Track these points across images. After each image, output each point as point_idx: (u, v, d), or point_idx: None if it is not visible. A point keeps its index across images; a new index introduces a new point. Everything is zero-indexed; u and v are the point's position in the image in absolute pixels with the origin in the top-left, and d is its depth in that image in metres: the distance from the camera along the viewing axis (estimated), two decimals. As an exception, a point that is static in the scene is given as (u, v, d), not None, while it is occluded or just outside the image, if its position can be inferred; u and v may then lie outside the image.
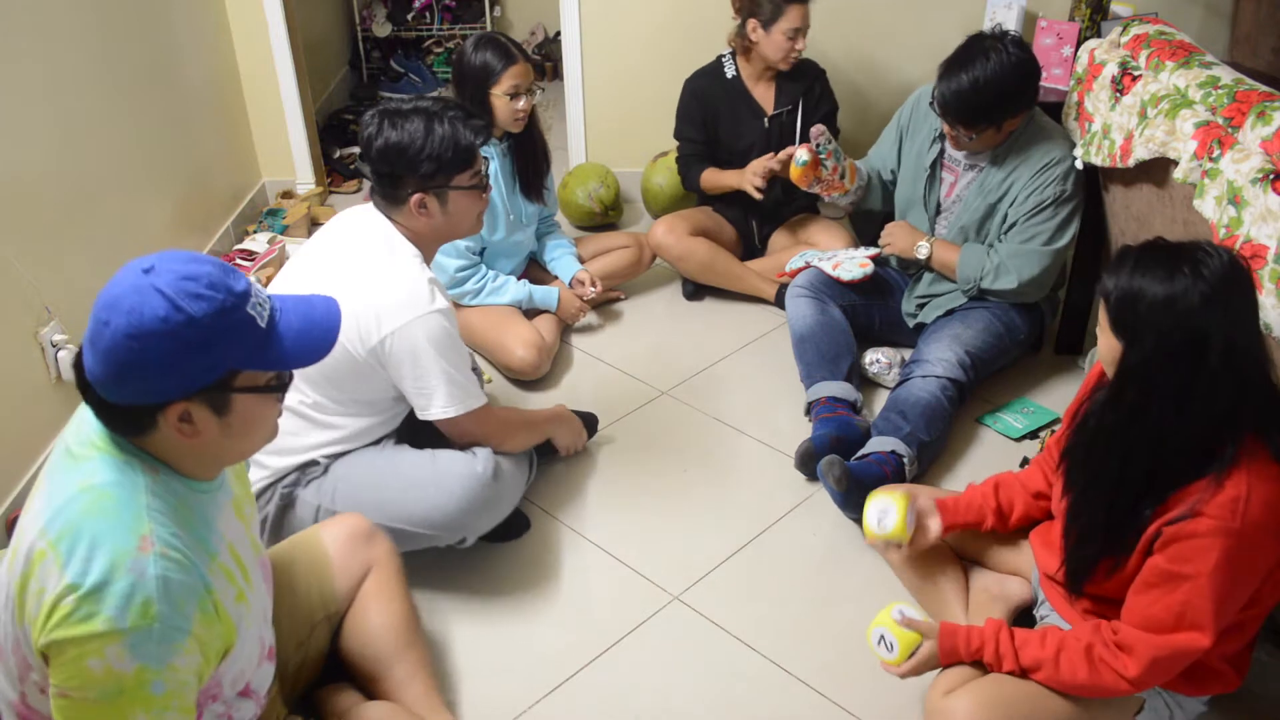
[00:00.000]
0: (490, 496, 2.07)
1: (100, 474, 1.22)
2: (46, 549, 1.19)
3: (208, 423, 1.24)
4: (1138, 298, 1.45)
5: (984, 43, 2.40)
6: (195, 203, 3.25)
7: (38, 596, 1.18)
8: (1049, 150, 2.50)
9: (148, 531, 1.20)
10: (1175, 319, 1.42)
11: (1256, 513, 1.43)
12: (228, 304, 1.19)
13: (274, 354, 1.24)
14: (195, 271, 1.20)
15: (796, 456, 2.42)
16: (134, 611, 1.16)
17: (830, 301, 2.73)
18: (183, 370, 1.18)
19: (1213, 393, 1.44)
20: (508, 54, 2.66)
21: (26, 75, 2.36)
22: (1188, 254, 1.45)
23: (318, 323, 1.30)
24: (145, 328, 1.16)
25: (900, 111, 2.79)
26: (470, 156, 1.98)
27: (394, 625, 1.80)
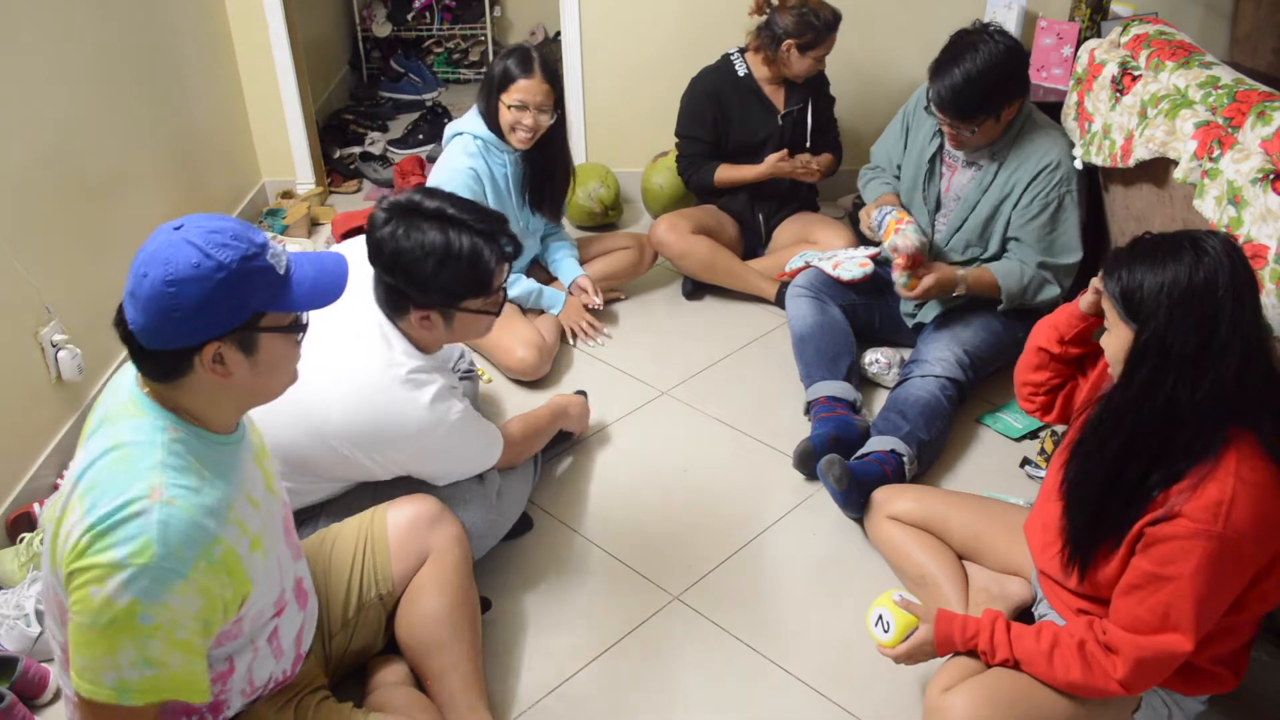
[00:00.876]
0: (495, 519, 2.10)
1: (125, 434, 1.35)
2: (75, 500, 1.32)
3: (238, 363, 1.35)
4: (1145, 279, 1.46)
5: (969, 37, 2.41)
6: (195, 203, 3.24)
7: (65, 539, 1.31)
8: (1048, 150, 2.50)
9: (158, 483, 1.31)
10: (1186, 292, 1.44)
11: (1240, 517, 1.42)
12: (250, 251, 1.32)
13: (293, 296, 1.37)
14: (220, 226, 1.33)
15: (795, 456, 2.43)
16: (133, 549, 1.26)
17: (830, 301, 2.73)
18: (214, 311, 1.30)
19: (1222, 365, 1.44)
20: (527, 67, 2.66)
21: (27, 75, 2.36)
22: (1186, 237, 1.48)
23: (329, 270, 1.42)
24: (180, 274, 1.28)
25: (905, 106, 2.79)
26: (487, 282, 1.83)
27: (442, 615, 1.81)
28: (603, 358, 2.94)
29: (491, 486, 2.11)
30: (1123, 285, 1.50)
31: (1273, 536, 1.45)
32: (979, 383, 2.62)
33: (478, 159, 2.72)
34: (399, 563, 1.84)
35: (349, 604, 1.80)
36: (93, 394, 2.57)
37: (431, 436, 1.90)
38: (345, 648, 1.81)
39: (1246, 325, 1.45)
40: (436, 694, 1.80)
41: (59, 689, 1.94)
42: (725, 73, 3.11)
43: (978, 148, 2.54)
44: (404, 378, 1.87)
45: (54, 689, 1.93)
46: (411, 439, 1.89)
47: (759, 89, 3.09)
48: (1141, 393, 1.49)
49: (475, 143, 2.73)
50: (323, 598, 1.79)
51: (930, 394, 2.44)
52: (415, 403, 1.87)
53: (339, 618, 1.79)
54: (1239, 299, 1.45)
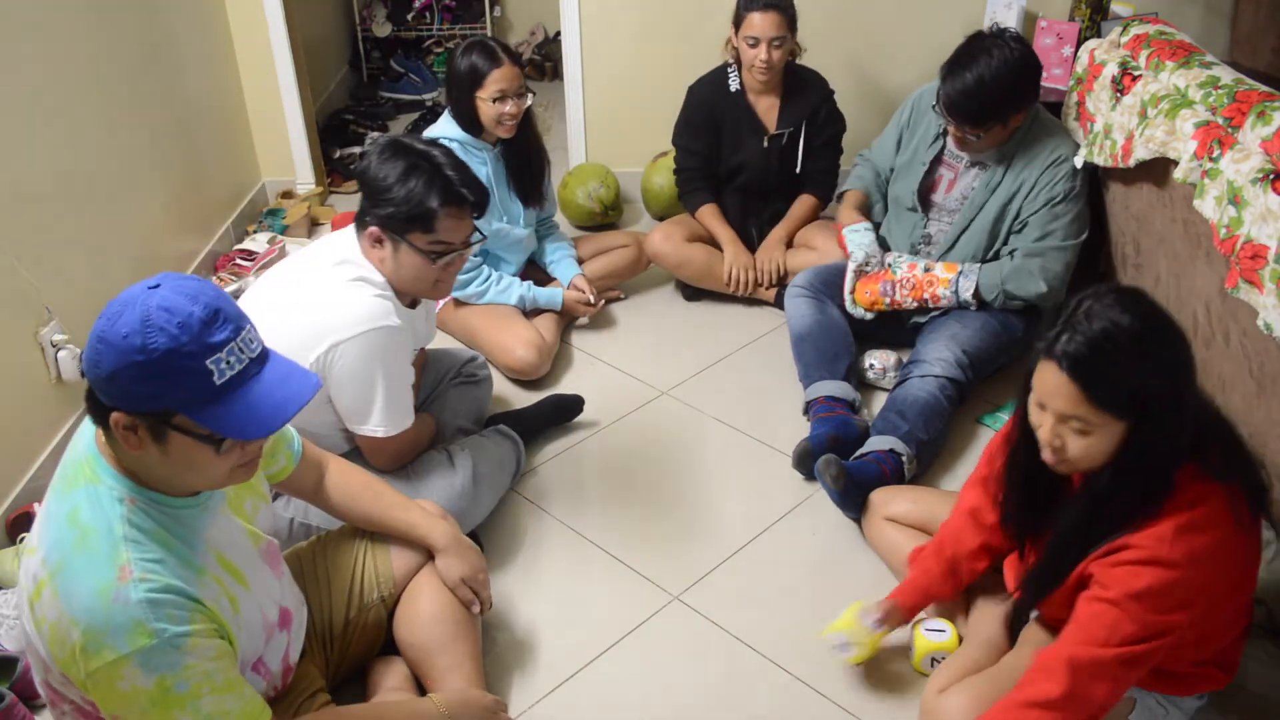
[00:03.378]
0: (467, 507, 2.13)
1: (84, 509, 1.30)
2: (46, 579, 1.29)
3: (148, 443, 1.28)
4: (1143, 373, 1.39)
5: (984, 41, 2.40)
6: (195, 203, 3.25)
7: (44, 623, 1.29)
8: (1056, 147, 2.50)
9: (125, 561, 1.28)
10: (1187, 369, 1.40)
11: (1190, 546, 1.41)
12: (186, 349, 1.22)
13: (214, 414, 1.26)
14: (177, 305, 1.23)
15: (794, 456, 2.43)
16: (131, 636, 1.25)
17: (829, 301, 2.73)
18: (123, 387, 1.23)
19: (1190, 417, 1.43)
20: (493, 57, 2.65)
21: (27, 75, 2.35)
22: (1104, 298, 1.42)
23: (275, 402, 1.29)
24: (108, 338, 1.22)
25: (900, 110, 2.79)
26: (427, 222, 1.90)
27: (442, 617, 1.81)
28: (603, 358, 2.94)
29: (462, 477, 2.15)
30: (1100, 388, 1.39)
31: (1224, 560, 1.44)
32: (978, 383, 2.62)
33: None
34: (400, 562, 1.84)
35: (350, 606, 1.80)
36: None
37: (357, 334, 1.91)
38: (346, 650, 1.81)
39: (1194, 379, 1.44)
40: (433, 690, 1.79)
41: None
42: (720, 85, 3.05)
43: (983, 151, 2.54)
44: (352, 275, 1.95)
45: (54, 689, 1.93)
46: (338, 330, 1.90)
47: (750, 106, 3.03)
48: (1130, 473, 1.44)
49: (451, 145, 2.71)
50: (324, 601, 1.78)
51: (929, 394, 2.44)
52: (352, 295, 1.93)
53: (340, 620, 1.79)
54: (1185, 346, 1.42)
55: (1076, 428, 1.43)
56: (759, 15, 2.84)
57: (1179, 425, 1.42)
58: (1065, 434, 1.45)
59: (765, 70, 2.91)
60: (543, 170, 2.92)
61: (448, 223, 1.92)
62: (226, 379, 1.25)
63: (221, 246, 3.38)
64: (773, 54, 2.87)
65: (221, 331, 1.25)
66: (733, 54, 3.01)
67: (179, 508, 1.36)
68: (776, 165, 3.07)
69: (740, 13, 2.89)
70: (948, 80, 2.42)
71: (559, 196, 3.52)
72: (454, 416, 2.41)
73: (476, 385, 2.51)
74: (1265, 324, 1.77)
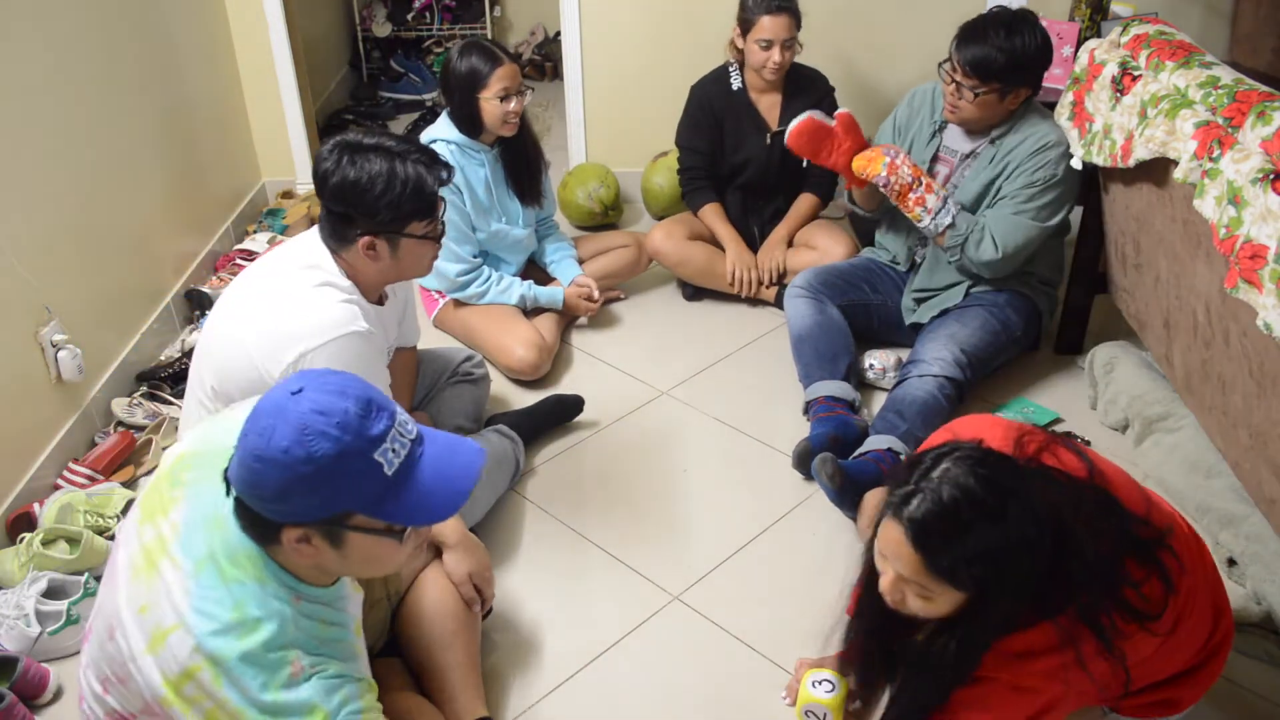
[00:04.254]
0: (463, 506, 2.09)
1: (250, 605, 1.27)
2: (202, 665, 1.25)
3: (325, 550, 1.26)
4: (971, 554, 1.32)
5: (1015, 14, 2.47)
6: (195, 203, 3.25)
7: (198, 702, 1.26)
8: (1046, 134, 2.53)
9: (294, 658, 1.27)
10: (1017, 549, 1.33)
11: (1030, 671, 1.40)
12: (352, 448, 1.19)
13: (392, 507, 1.23)
14: (332, 406, 1.20)
15: (794, 455, 2.43)
16: (307, 716, 1.26)
17: (828, 301, 2.73)
18: (298, 502, 1.21)
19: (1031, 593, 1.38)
20: (494, 57, 2.65)
21: (27, 75, 2.35)
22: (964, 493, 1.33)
23: (450, 478, 1.27)
24: (268, 455, 1.18)
25: (895, 112, 2.80)
26: (431, 205, 1.89)
27: (446, 613, 1.81)
28: (603, 358, 2.94)
29: None
30: (962, 564, 1.33)
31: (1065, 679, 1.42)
32: (977, 382, 2.62)
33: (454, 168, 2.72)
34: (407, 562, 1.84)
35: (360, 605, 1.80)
36: (92, 393, 2.57)
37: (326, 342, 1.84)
38: None
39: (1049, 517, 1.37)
40: (437, 691, 1.80)
41: (59, 689, 1.94)
42: (722, 83, 3.06)
43: (971, 122, 2.55)
44: (318, 280, 1.89)
45: (54, 689, 1.93)
46: (306, 338, 1.83)
47: (752, 104, 3.04)
48: (980, 634, 1.41)
49: (449, 148, 2.72)
50: None
51: (928, 393, 2.44)
52: (319, 301, 1.87)
53: None
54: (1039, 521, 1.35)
55: (916, 591, 1.39)
56: (770, 19, 2.85)
57: (1022, 594, 1.36)
58: (906, 591, 1.40)
59: (776, 71, 2.93)
60: (541, 169, 2.92)
61: (441, 202, 1.93)
62: (396, 468, 1.22)
63: (221, 246, 3.38)
64: (785, 55, 2.90)
65: (380, 421, 1.22)
66: (735, 54, 3.02)
67: (331, 593, 1.37)
68: (779, 163, 3.07)
69: (749, 16, 2.89)
70: (967, 33, 2.46)
71: (559, 196, 3.52)
72: (452, 416, 2.41)
73: (474, 384, 2.51)
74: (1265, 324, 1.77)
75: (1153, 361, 2.50)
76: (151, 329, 2.88)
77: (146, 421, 2.61)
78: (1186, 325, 2.19)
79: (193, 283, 3.15)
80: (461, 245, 2.77)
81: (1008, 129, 2.55)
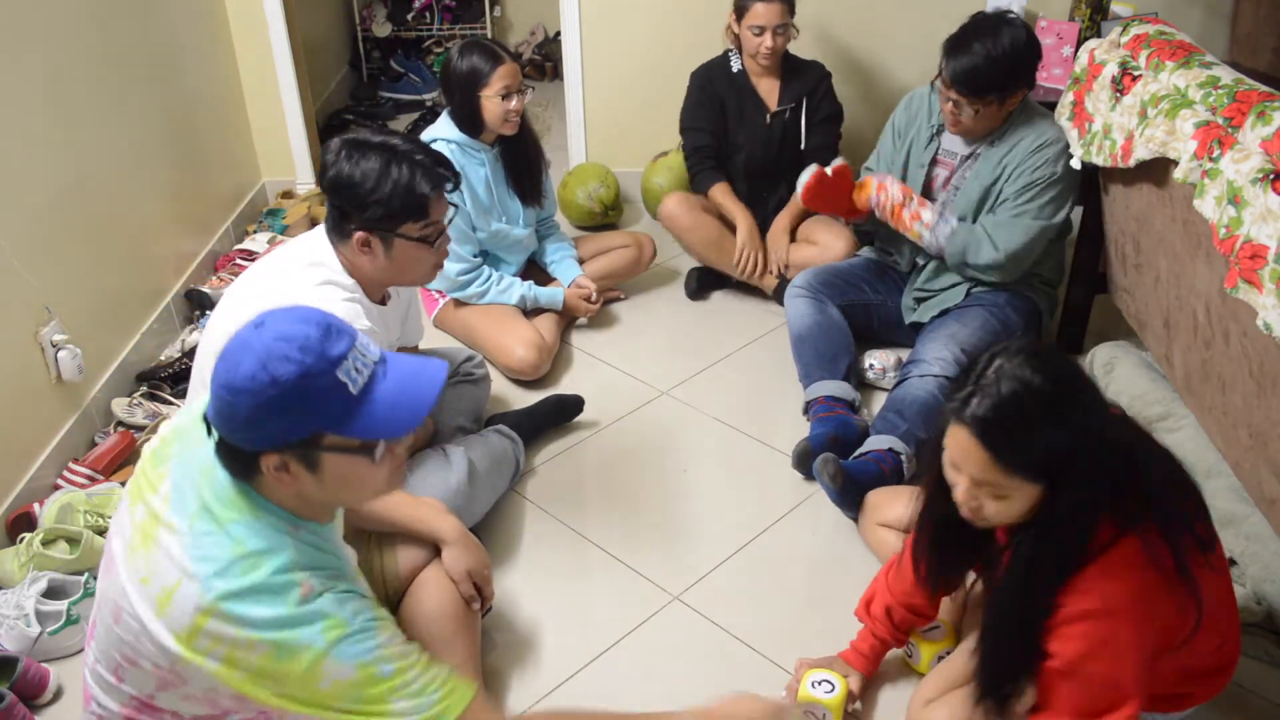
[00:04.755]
0: (463, 505, 2.12)
1: (248, 539, 1.29)
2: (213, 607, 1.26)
3: (302, 475, 1.29)
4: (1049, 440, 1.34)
5: (991, 19, 2.45)
6: (195, 202, 3.25)
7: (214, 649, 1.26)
8: (1043, 131, 2.53)
9: (303, 579, 1.28)
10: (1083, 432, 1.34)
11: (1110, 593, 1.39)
12: (314, 369, 1.22)
13: (360, 423, 1.26)
14: (292, 333, 1.23)
15: (794, 455, 2.43)
16: (325, 631, 1.26)
17: (828, 301, 2.73)
18: (267, 426, 1.23)
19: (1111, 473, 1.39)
20: (495, 55, 2.66)
21: (27, 75, 2.36)
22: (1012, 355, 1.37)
23: (414, 389, 1.30)
24: (235, 384, 1.22)
25: (894, 116, 2.80)
26: (422, 208, 1.87)
27: (445, 613, 1.81)
28: (603, 358, 2.94)
29: (458, 474, 2.14)
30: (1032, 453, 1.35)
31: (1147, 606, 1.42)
32: (979, 383, 2.62)
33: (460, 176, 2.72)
34: (405, 559, 1.85)
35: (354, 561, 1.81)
36: (92, 393, 2.57)
37: None
38: None
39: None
40: None
41: (59, 689, 1.94)
42: (723, 67, 3.12)
43: (973, 133, 2.55)
44: (321, 279, 1.89)
45: (53, 689, 1.93)
46: None
47: (752, 86, 3.10)
48: (1052, 532, 1.41)
49: (450, 147, 2.72)
50: None
51: (928, 393, 2.44)
52: (320, 300, 1.85)
53: None
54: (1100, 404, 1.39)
55: (990, 492, 1.39)
56: (763, 5, 2.93)
57: (1095, 484, 1.37)
58: (981, 496, 1.41)
59: (769, 56, 3.00)
60: (541, 169, 2.92)
61: (438, 205, 1.91)
62: (361, 386, 1.26)
63: (221, 246, 3.38)
64: (777, 40, 2.97)
65: (340, 343, 1.25)
66: (733, 40, 3.08)
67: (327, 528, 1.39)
68: (778, 142, 3.10)
69: (743, 2, 2.97)
70: (952, 52, 2.44)
71: (559, 196, 3.52)
72: (452, 416, 2.41)
73: (475, 384, 2.51)
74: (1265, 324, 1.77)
75: (1153, 361, 2.50)
76: (151, 329, 2.88)
77: (146, 421, 2.61)
78: (1186, 325, 2.19)
79: (193, 283, 3.15)
80: (462, 245, 2.77)
81: (1006, 128, 2.55)
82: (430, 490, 2.09)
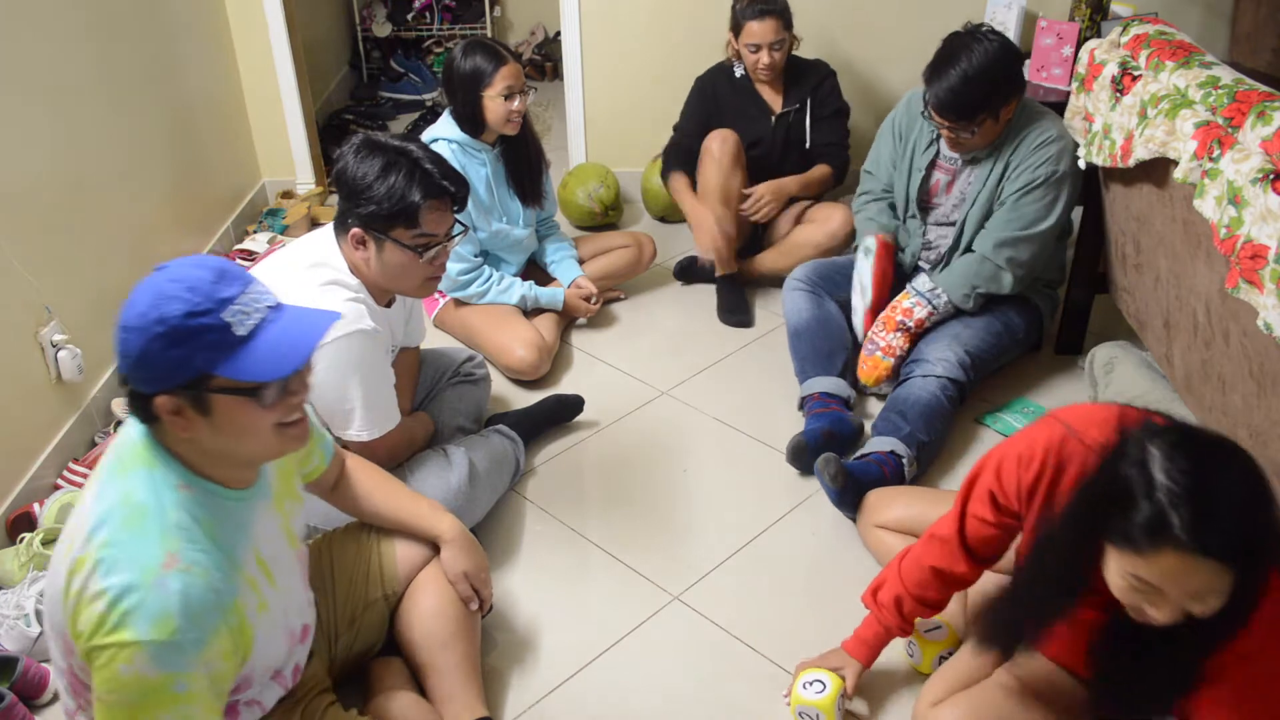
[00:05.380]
0: (463, 505, 2.13)
1: (138, 489, 1.31)
2: (89, 554, 1.28)
3: (196, 420, 1.30)
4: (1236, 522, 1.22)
5: (962, 39, 2.43)
6: (195, 203, 3.25)
7: (75, 596, 1.28)
8: (1044, 129, 2.51)
9: (174, 549, 1.28)
10: (1268, 505, 1.25)
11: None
12: (200, 307, 1.25)
13: (245, 363, 1.28)
14: (184, 274, 1.27)
15: (789, 450, 2.43)
16: (156, 625, 1.25)
17: (826, 296, 2.73)
18: (154, 365, 1.26)
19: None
20: (497, 56, 2.66)
21: (27, 75, 2.36)
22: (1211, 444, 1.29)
23: (295, 337, 1.32)
24: (128, 321, 1.26)
25: (894, 115, 2.79)
26: (412, 215, 1.88)
27: (444, 613, 1.82)
28: (603, 358, 2.94)
29: (459, 474, 2.15)
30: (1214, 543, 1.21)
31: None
32: (979, 382, 2.62)
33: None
34: (404, 560, 1.85)
35: (354, 606, 1.81)
36: (92, 393, 2.57)
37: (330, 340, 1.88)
38: (350, 649, 1.82)
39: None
40: (436, 690, 1.80)
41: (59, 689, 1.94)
42: (725, 73, 3.15)
43: (978, 148, 2.54)
44: (326, 279, 1.92)
45: (53, 689, 1.93)
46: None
47: (754, 90, 3.12)
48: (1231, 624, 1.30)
49: (451, 147, 2.72)
50: (329, 599, 1.79)
51: (930, 394, 2.44)
52: (325, 300, 1.89)
53: (345, 618, 1.80)
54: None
55: (1199, 604, 1.26)
56: (757, 24, 2.96)
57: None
58: (1185, 608, 1.28)
59: (768, 71, 3.04)
60: (541, 169, 2.93)
61: (431, 216, 1.91)
62: (248, 329, 1.28)
63: (221, 246, 3.38)
64: (774, 56, 3.01)
65: (231, 287, 1.28)
66: (734, 54, 3.11)
67: (230, 499, 1.38)
68: (783, 142, 3.13)
69: (738, 21, 3.01)
70: (933, 82, 2.43)
71: (559, 196, 3.52)
72: (453, 416, 2.41)
73: (475, 384, 2.51)
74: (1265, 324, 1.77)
75: (1153, 361, 2.50)
76: (151, 329, 2.88)
77: (146, 421, 2.61)
78: (1186, 325, 2.19)
79: (193, 283, 3.14)
80: (463, 244, 2.77)
81: (1006, 134, 2.54)
82: (431, 491, 2.09)
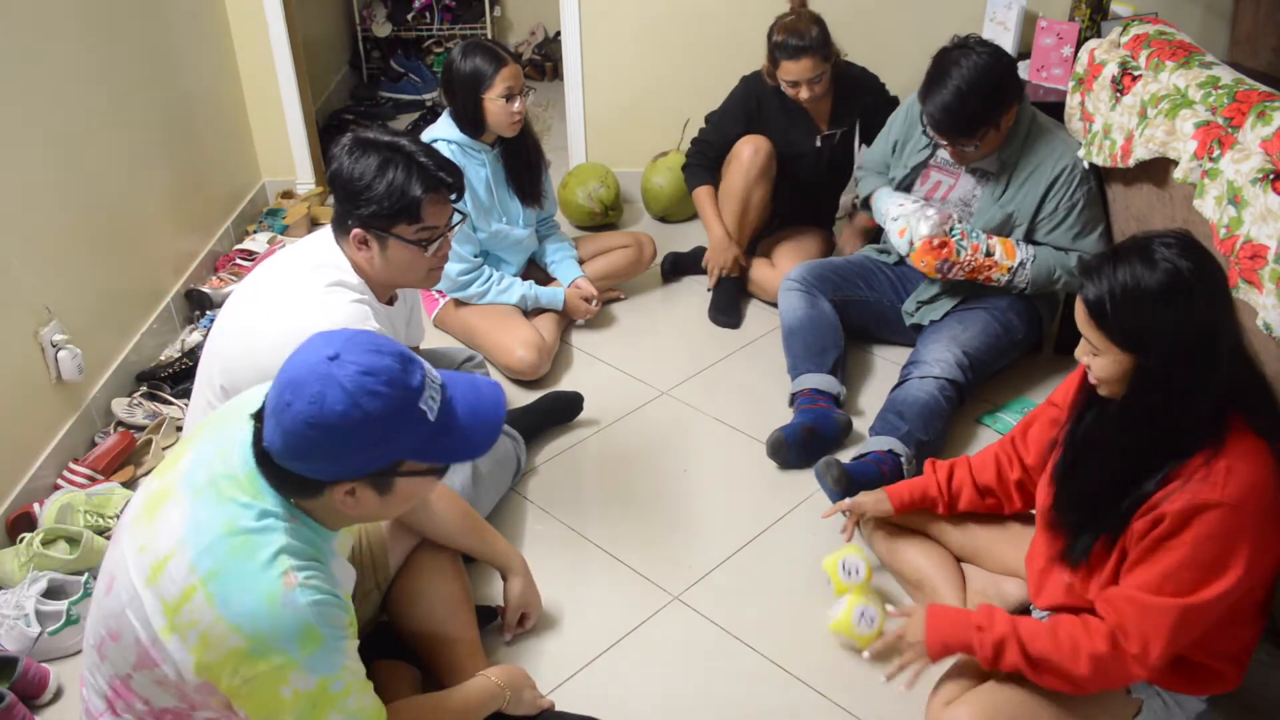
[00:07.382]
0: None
1: (244, 519, 1.32)
2: (197, 585, 1.29)
3: (369, 498, 1.33)
4: (1139, 300, 1.44)
5: (951, 54, 2.41)
6: (195, 202, 3.25)
7: (193, 629, 1.29)
8: (1061, 156, 2.50)
9: (287, 568, 1.30)
10: (1184, 310, 1.43)
11: (1240, 489, 1.44)
12: (401, 401, 1.26)
13: (442, 446, 1.32)
14: (376, 366, 1.26)
15: (768, 445, 2.44)
16: (301, 641, 1.28)
17: (821, 295, 2.73)
18: (354, 459, 1.28)
19: (1224, 375, 1.45)
20: (497, 57, 2.66)
21: (27, 75, 2.35)
22: (1152, 245, 1.46)
23: (482, 414, 1.36)
24: (324, 420, 1.24)
25: (893, 120, 2.80)
26: (414, 211, 1.87)
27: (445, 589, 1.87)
28: (603, 358, 2.94)
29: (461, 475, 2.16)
30: (1109, 307, 1.46)
31: (1267, 512, 1.47)
32: (978, 384, 2.62)
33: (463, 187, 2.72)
34: (395, 545, 1.87)
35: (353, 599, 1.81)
36: (92, 393, 2.57)
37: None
38: None
39: (1231, 320, 1.49)
40: (441, 662, 1.83)
41: (59, 689, 1.94)
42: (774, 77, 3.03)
43: (982, 159, 2.54)
44: (329, 280, 1.91)
45: (54, 689, 1.93)
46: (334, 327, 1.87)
47: (800, 107, 2.99)
48: (1149, 414, 1.50)
49: (450, 148, 2.72)
50: None
51: (929, 395, 2.45)
52: (329, 302, 1.87)
53: None
54: (1223, 302, 1.47)
55: (1088, 349, 1.53)
56: (792, 63, 2.84)
57: (1187, 371, 1.45)
58: (1086, 355, 1.55)
59: (809, 103, 2.93)
60: (541, 169, 2.92)
61: (431, 209, 1.90)
62: (437, 411, 1.31)
63: (221, 246, 3.38)
64: (814, 89, 2.88)
65: (417, 373, 1.30)
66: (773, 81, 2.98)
67: (325, 537, 1.41)
68: (828, 164, 3.07)
69: (775, 57, 2.88)
70: (928, 100, 2.42)
71: (559, 196, 3.52)
72: (453, 416, 2.41)
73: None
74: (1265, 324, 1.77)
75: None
76: (151, 329, 2.88)
77: (146, 421, 2.61)
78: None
79: (193, 283, 3.15)
80: (463, 245, 2.77)
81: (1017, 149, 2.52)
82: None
